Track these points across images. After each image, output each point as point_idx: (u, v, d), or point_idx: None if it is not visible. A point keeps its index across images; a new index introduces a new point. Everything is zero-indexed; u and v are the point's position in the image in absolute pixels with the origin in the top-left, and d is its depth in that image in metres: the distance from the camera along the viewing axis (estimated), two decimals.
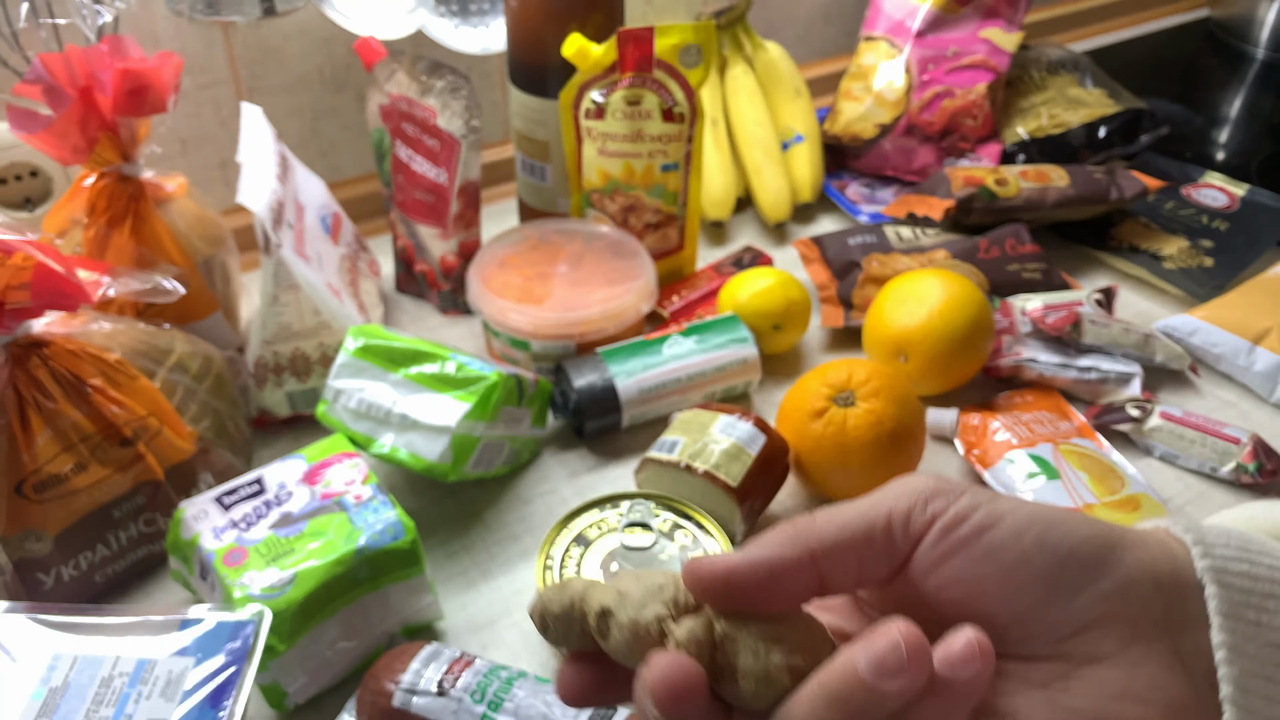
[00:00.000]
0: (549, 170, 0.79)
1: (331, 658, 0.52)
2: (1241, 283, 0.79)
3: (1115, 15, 1.32)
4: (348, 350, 0.62)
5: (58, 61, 0.59)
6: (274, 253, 0.64)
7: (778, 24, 1.08)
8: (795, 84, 0.95)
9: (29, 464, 0.53)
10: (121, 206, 0.64)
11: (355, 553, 0.51)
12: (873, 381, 0.60)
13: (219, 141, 0.83)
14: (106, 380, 0.56)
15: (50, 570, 0.55)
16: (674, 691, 0.24)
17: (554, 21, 0.72)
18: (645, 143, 0.73)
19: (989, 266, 0.79)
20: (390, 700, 0.46)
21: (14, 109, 0.60)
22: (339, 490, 0.54)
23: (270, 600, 0.48)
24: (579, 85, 0.73)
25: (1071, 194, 0.83)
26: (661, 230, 0.78)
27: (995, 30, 0.95)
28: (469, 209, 0.76)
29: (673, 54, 0.72)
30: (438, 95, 0.71)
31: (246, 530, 0.52)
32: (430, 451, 0.58)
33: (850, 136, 0.96)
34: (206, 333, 0.70)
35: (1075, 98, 0.97)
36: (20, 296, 0.51)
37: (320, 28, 0.82)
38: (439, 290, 0.79)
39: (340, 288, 0.70)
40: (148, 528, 0.58)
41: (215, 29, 0.78)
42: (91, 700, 0.42)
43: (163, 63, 0.62)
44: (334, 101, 0.86)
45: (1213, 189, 0.91)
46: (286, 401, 0.68)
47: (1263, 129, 1.10)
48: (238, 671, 0.44)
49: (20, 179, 0.71)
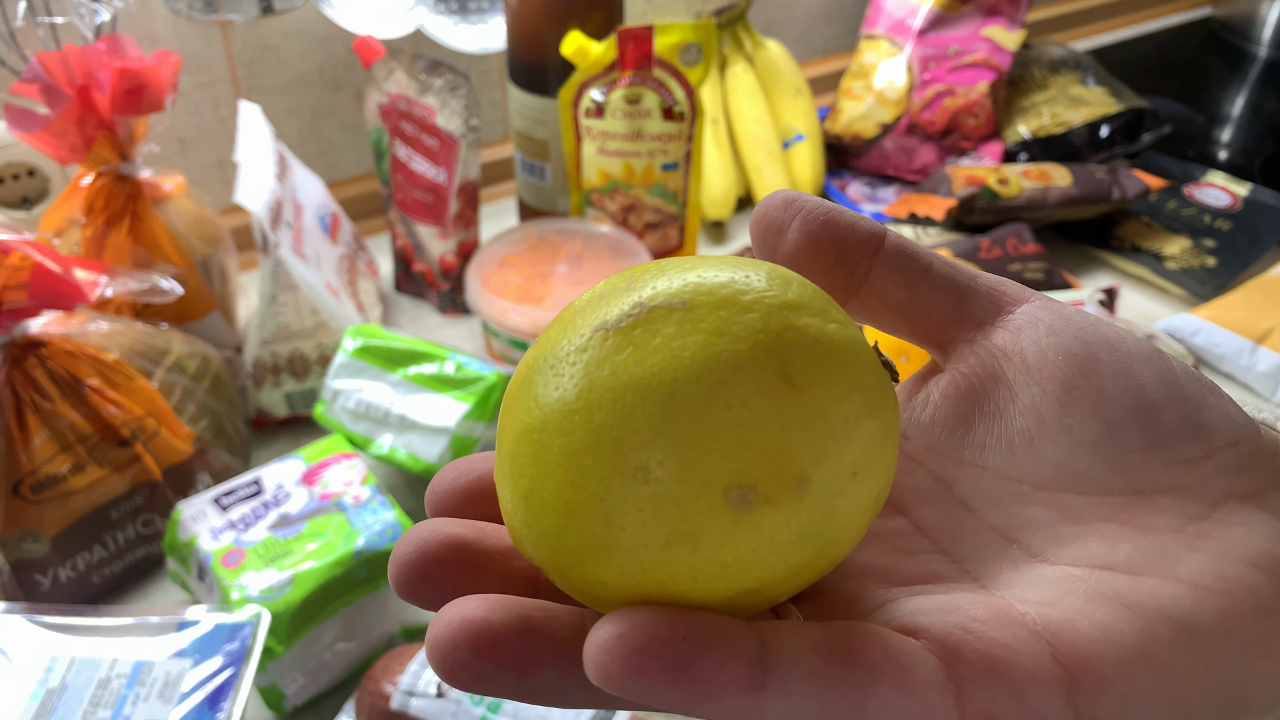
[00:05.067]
0: (548, 169, 0.79)
1: (330, 659, 0.51)
2: (1244, 282, 0.79)
3: (1117, 14, 1.32)
4: (346, 350, 0.62)
5: (55, 60, 0.58)
6: (272, 252, 0.64)
7: (778, 22, 1.08)
8: (796, 83, 0.95)
9: (26, 464, 0.53)
10: (119, 206, 0.64)
11: (354, 554, 0.51)
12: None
13: (217, 141, 0.82)
14: (104, 380, 0.55)
15: (48, 571, 0.55)
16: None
17: (553, 20, 0.72)
18: (645, 142, 0.73)
19: (991, 266, 0.78)
20: (388, 702, 0.46)
21: (11, 108, 0.59)
22: (337, 491, 0.54)
23: (268, 601, 0.48)
24: (579, 84, 0.73)
25: (1074, 193, 0.83)
26: (661, 230, 0.78)
27: (997, 29, 0.95)
28: (468, 208, 0.76)
29: (673, 52, 0.71)
30: (437, 94, 0.71)
31: (244, 531, 0.52)
32: (429, 452, 0.58)
33: (851, 135, 0.95)
34: (204, 333, 0.69)
35: (1077, 96, 0.96)
36: (17, 296, 0.51)
37: (319, 26, 0.82)
38: (438, 290, 0.79)
39: (339, 287, 0.70)
40: (145, 528, 0.58)
41: (213, 28, 0.78)
42: (89, 702, 0.42)
43: (161, 61, 0.61)
44: (332, 100, 0.86)
45: (1215, 188, 0.91)
46: (285, 402, 0.68)
47: (1265, 128, 1.10)
48: (236, 673, 0.44)
49: (17, 178, 0.71)
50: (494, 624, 0.17)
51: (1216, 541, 0.19)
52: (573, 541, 0.17)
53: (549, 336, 0.19)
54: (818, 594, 0.20)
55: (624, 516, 0.17)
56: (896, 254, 0.22)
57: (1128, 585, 0.19)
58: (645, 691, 0.16)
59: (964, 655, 0.17)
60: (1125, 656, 0.17)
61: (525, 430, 0.18)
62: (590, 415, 0.17)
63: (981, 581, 0.20)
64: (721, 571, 0.17)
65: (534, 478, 0.18)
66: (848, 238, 0.22)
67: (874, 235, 0.22)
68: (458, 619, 0.17)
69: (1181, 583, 0.18)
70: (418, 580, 0.19)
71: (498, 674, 0.17)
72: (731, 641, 0.16)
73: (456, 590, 0.19)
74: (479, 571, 0.19)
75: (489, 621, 0.17)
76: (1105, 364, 0.21)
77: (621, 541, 0.17)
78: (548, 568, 0.18)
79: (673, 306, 0.18)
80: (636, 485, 0.17)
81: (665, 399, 0.17)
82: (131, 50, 0.61)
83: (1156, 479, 0.20)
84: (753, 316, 0.18)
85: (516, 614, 0.17)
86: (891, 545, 0.21)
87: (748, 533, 0.17)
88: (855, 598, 0.20)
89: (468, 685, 0.17)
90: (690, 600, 0.17)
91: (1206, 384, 0.21)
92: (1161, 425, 0.20)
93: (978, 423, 0.22)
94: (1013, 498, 0.21)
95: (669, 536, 0.17)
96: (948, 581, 0.20)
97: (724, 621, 0.16)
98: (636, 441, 0.17)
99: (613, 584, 0.17)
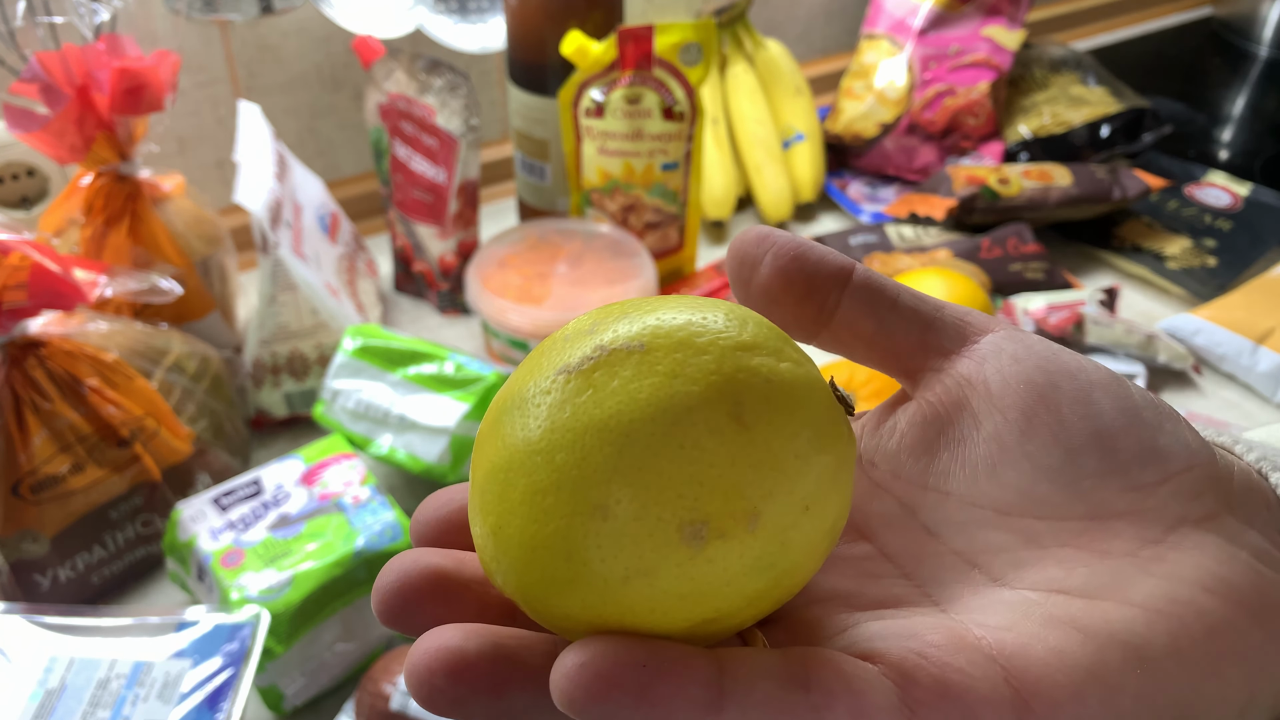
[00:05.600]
0: (548, 169, 0.79)
1: (329, 660, 0.51)
2: (1245, 282, 0.79)
3: (1118, 13, 1.32)
4: (345, 350, 0.62)
5: (55, 60, 0.58)
6: (272, 252, 0.64)
7: (779, 22, 1.08)
8: (796, 82, 0.95)
9: (25, 464, 0.53)
10: (118, 206, 0.64)
11: (353, 554, 0.51)
12: (874, 382, 0.60)
13: (216, 140, 0.82)
14: (103, 380, 0.55)
15: (47, 571, 0.55)
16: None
17: (553, 19, 0.72)
18: (645, 141, 0.73)
19: (991, 266, 0.78)
20: (388, 702, 0.46)
21: (11, 108, 0.59)
22: (337, 491, 0.54)
23: (268, 602, 0.48)
24: (579, 84, 0.73)
25: (1074, 193, 0.83)
26: (661, 230, 0.78)
27: (997, 28, 0.95)
28: (468, 208, 0.76)
29: (673, 52, 0.71)
30: (436, 94, 0.71)
31: (244, 531, 0.52)
32: (429, 452, 0.58)
33: (852, 135, 0.95)
34: (204, 333, 0.69)
35: (1078, 96, 0.96)
36: (17, 296, 0.51)
37: (318, 26, 0.82)
38: (437, 290, 0.79)
39: (338, 287, 0.70)
40: (145, 529, 0.58)
41: (213, 27, 0.78)
42: (88, 702, 0.42)
43: (160, 61, 0.61)
44: (332, 100, 0.86)
45: (1216, 188, 0.91)
46: (284, 402, 0.68)
47: (1266, 128, 1.10)
48: (235, 674, 0.43)
49: (17, 178, 0.71)
50: (469, 652, 0.18)
51: (1169, 565, 0.20)
52: (537, 575, 0.18)
53: (518, 377, 0.20)
54: (782, 619, 0.21)
55: (585, 552, 0.17)
56: (864, 286, 0.23)
57: (1082, 609, 0.19)
58: (607, 715, 0.16)
59: (918, 679, 0.18)
60: (1076, 680, 0.18)
61: (493, 469, 0.19)
62: (552, 456, 0.18)
63: (942, 605, 0.21)
64: (679, 603, 0.18)
65: (500, 514, 0.18)
66: (818, 271, 0.23)
67: (842, 269, 0.23)
68: (434, 647, 0.18)
69: (1134, 606, 0.19)
70: (400, 609, 0.20)
71: (471, 699, 0.18)
72: (689, 667, 0.17)
73: (436, 618, 0.19)
74: (458, 600, 0.20)
75: (464, 649, 0.18)
76: (1065, 392, 0.21)
77: (583, 576, 0.18)
78: (517, 598, 0.19)
79: (631, 349, 0.18)
80: (596, 523, 0.17)
81: (622, 440, 0.17)
82: (131, 50, 0.61)
83: (1113, 504, 0.21)
84: (707, 359, 0.18)
85: (490, 642, 0.18)
86: (857, 570, 0.22)
87: (702, 566, 0.17)
88: (818, 622, 0.20)
89: (444, 710, 0.18)
90: (651, 630, 0.18)
91: (1165, 410, 0.22)
92: (1119, 452, 0.21)
93: (942, 449, 0.22)
94: (975, 523, 0.22)
95: (627, 572, 0.17)
96: (909, 606, 0.21)
97: (683, 649, 0.17)
98: (596, 480, 0.17)
99: (576, 615, 0.18)
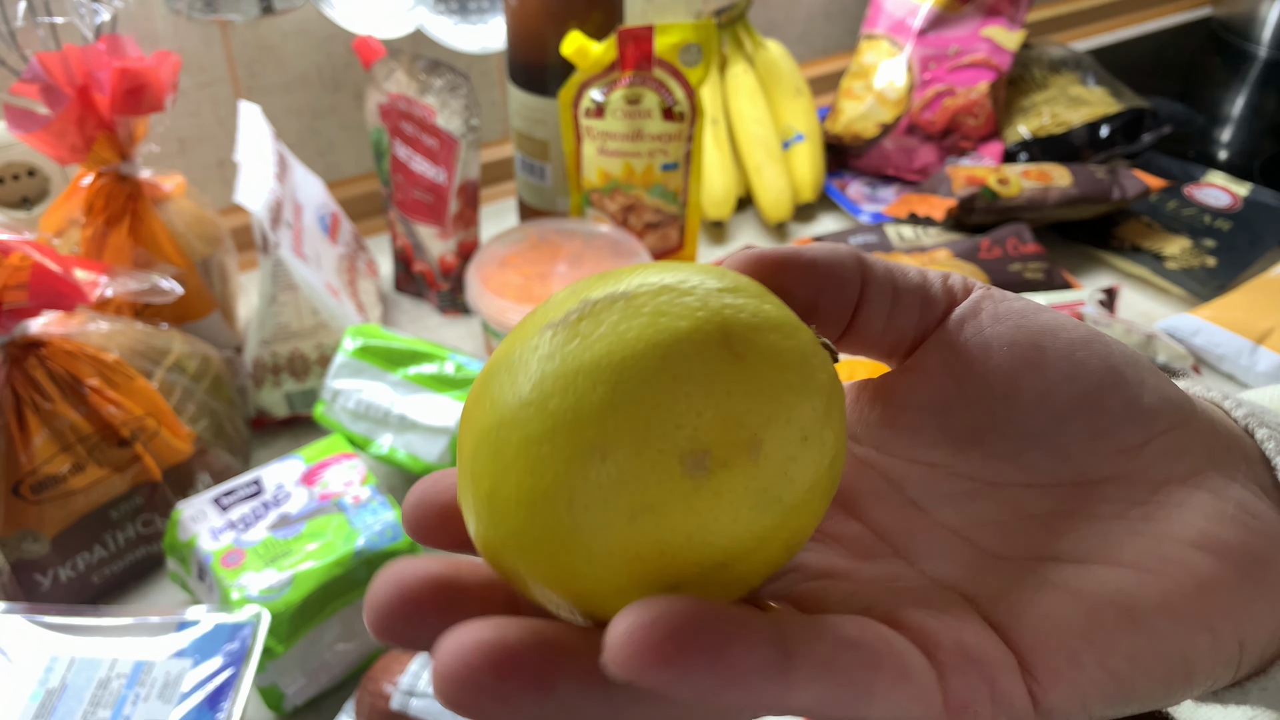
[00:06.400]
0: (548, 169, 0.79)
1: (330, 659, 0.51)
2: (1244, 282, 0.79)
3: (1117, 14, 1.32)
4: (346, 350, 0.62)
5: (55, 60, 0.58)
6: (272, 252, 0.64)
7: (778, 22, 1.08)
8: (796, 82, 0.95)
9: (26, 464, 0.53)
10: (119, 206, 0.64)
11: (354, 554, 0.51)
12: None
13: (217, 141, 0.82)
14: (104, 380, 0.55)
15: (47, 571, 0.55)
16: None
17: (553, 20, 0.72)
18: (645, 142, 0.73)
19: (991, 266, 0.78)
20: (388, 702, 0.46)
21: (11, 108, 0.59)
22: (337, 491, 0.54)
23: (268, 602, 0.48)
24: (579, 84, 0.73)
25: (1074, 193, 0.83)
26: (661, 230, 0.78)
27: (997, 29, 0.95)
28: (468, 208, 0.76)
29: (673, 52, 0.71)
30: (437, 94, 0.71)
31: (244, 531, 0.52)
32: (429, 452, 0.58)
33: (851, 135, 0.95)
34: (204, 333, 0.69)
35: (1077, 96, 0.96)
36: (17, 296, 0.51)
37: (319, 26, 0.82)
38: (438, 290, 0.79)
39: (339, 287, 0.70)
40: (145, 529, 0.58)
41: (213, 28, 0.78)
42: (89, 702, 0.42)
43: (160, 62, 0.61)
44: (332, 100, 0.86)
45: (1215, 188, 0.91)
46: (284, 402, 0.68)
47: (1265, 128, 1.10)
48: (236, 673, 0.44)
49: (17, 178, 0.71)
50: (510, 641, 0.16)
51: (1158, 524, 0.20)
52: (539, 532, 0.17)
53: (502, 348, 0.19)
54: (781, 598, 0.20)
55: (586, 496, 0.17)
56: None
57: (1074, 573, 0.19)
58: (676, 679, 0.15)
59: (941, 643, 0.18)
60: (1071, 643, 0.18)
61: (484, 432, 0.18)
62: (544, 404, 0.17)
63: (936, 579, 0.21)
64: (687, 543, 0.17)
65: (495, 477, 0.18)
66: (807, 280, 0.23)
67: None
68: (471, 641, 0.16)
69: (1124, 567, 0.19)
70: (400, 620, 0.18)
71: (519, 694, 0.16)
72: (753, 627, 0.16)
73: (441, 626, 0.18)
74: (461, 605, 0.19)
75: (504, 640, 0.16)
76: (1049, 352, 0.21)
77: (586, 523, 0.17)
78: (519, 568, 0.18)
79: (614, 298, 0.18)
80: (595, 464, 0.17)
81: (614, 377, 0.17)
82: (131, 50, 0.61)
83: (1100, 468, 0.21)
84: (691, 299, 0.18)
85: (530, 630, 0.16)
86: (849, 549, 0.22)
87: (707, 499, 0.17)
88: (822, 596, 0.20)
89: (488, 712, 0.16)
90: (662, 579, 0.17)
91: (1144, 364, 0.22)
92: (1104, 414, 0.21)
93: (926, 421, 0.22)
94: (963, 494, 0.21)
95: (632, 510, 0.17)
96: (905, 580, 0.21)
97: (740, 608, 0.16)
98: (590, 421, 0.17)
99: (584, 571, 0.17)
